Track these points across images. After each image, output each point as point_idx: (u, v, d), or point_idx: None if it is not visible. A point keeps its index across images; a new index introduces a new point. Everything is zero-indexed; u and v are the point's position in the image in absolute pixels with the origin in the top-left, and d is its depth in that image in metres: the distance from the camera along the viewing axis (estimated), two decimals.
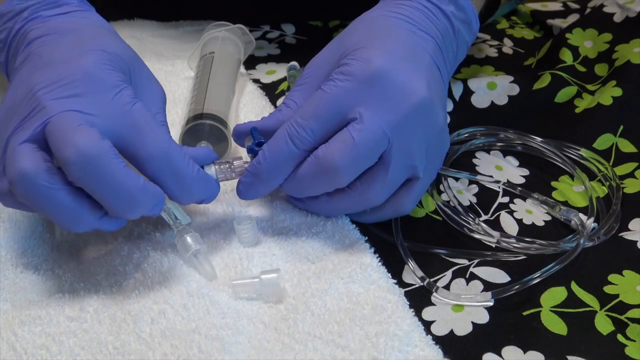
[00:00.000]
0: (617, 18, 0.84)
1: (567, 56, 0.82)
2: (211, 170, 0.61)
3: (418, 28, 0.64)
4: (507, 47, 0.91)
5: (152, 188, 0.55)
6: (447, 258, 0.62)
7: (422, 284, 0.60)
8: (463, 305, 0.58)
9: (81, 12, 0.64)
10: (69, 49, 0.58)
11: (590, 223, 0.64)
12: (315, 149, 0.59)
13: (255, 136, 0.63)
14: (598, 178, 0.71)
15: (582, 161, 0.72)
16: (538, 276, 0.58)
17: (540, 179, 0.72)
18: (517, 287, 0.58)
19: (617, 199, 0.67)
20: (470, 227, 0.64)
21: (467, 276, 0.61)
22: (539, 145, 0.73)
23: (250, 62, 0.86)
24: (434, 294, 0.59)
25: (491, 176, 0.71)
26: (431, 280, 0.60)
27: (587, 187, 0.69)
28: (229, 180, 0.62)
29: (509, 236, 0.64)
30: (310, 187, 0.61)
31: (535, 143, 0.73)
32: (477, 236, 0.64)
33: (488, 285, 0.60)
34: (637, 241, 0.64)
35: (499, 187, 0.69)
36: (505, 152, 0.74)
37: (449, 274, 0.61)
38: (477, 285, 0.60)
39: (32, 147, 0.54)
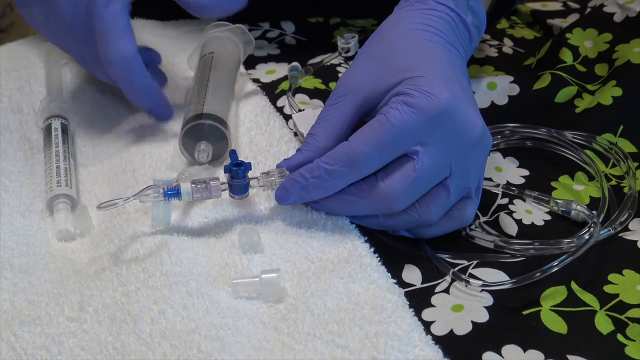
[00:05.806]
0: (617, 18, 0.84)
1: (567, 56, 0.82)
2: (187, 187, 0.61)
3: (447, 42, 0.65)
4: (507, 47, 0.91)
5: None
6: (450, 260, 0.62)
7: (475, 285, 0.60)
8: (463, 305, 0.58)
9: None
10: None
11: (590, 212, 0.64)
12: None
13: (233, 157, 0.63)
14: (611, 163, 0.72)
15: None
16: (557, 264, 0.58)
17: (540, 179, 0.72)
18: (537, 274, 0.58)
19: (631, 189, 0.67)
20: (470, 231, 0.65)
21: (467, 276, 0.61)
22: (552, 137, 0.73)
23: (250, 62, 0.86)
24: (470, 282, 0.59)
25: (490, 179, 0.71)
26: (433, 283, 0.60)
27: (600, 176, 0.69)
28: (204, 199, 0.63)
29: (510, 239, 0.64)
30: (359, 210, 0.62)
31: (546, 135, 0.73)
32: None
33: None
34: (637, 241, 0.64)
35: (499, 190, 0.69)
36: (506, 153, 0.74)
37: (448, 278, 0.61)
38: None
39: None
